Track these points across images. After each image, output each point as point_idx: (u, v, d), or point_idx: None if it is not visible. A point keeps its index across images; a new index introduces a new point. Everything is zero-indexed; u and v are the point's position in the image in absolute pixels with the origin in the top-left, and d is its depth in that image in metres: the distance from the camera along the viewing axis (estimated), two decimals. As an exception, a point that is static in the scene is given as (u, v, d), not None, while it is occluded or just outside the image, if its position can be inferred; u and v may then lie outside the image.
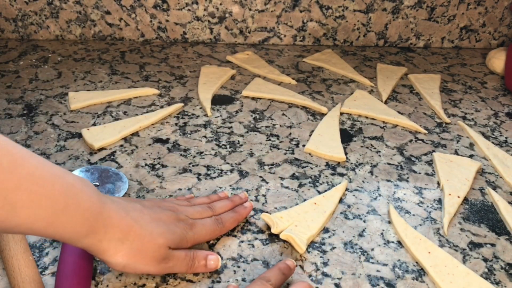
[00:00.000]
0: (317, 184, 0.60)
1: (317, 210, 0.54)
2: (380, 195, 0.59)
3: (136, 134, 0.68)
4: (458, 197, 0.58)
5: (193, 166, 0.62)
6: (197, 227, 0.47)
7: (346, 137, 0.70)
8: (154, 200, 0.50)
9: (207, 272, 0.47)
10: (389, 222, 0.55)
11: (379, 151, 0.68)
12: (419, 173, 0.64)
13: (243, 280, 0.46)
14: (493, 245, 0.53)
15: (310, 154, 0.66)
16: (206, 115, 0.74)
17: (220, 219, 0.50)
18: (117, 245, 0.41)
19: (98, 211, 0.39)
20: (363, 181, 0.61)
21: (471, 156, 0.68)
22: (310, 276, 0.47)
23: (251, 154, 0.65)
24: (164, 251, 0.43)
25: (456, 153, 0.68)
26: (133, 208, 0.44)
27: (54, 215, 0.36)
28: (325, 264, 0.49)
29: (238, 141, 0.68)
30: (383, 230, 0.54)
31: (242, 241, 0.51)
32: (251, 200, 0.57)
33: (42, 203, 0.35)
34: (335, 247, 0.51)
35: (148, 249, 0.42)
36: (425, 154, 0.68)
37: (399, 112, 0.77)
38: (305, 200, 0.57)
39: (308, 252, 0.50)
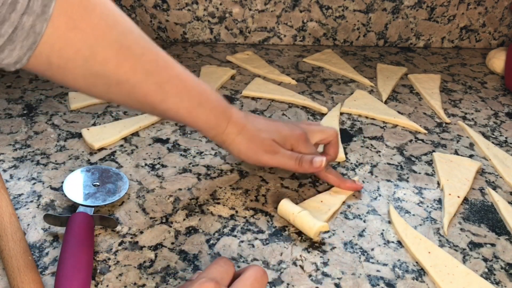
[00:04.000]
0: (317, 184, 0.60)
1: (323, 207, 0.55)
2: (380, 195, 0.59)
3: (136, 134, 0.68)
4: (458, 197, 0.59)
5: (193, 166, 0.62)
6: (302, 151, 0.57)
7: (346, 137, 0.70)
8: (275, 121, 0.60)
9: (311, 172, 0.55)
10: (389, 222, 0.55)
11: (379, 151, 0.68)
12: (419, 173, 0.64)
13: (243, 280, 0.46)
14: (493, 245, 0.53)
15: (310, 154, 0.66)
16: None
17: (303, 159, 0.55)
18: (234, 137, 0.54)
19: (223, 109, 0.53)
20: (363, 181, 0.61)
21: (471, 156, 0.68)
22: (310, 276, 0.47)
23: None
24: (269, 143, 0.54)
25: (456, 153, 0.68)
26: (251, 114, 0.58)
27: (192, 107, 0.50)
28: (325, 264, 0.49)
29: (238, 141, 0.68)
30: (383, 230, 0.54)
31: (242, 241, 0.51)
32: (251, 200, 0.57)
33: (184, 97, 0.49)
34: (335, 247, 0.51)
35: (257, 140, 0.54)
36: (425, 154, 0.68)
37: (399, 112, 0.77)
38: (304, 200, 0.57)
39: (308, 252, 0.50)
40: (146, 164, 0.62)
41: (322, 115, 0.75)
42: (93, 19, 0.40)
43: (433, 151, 0.68)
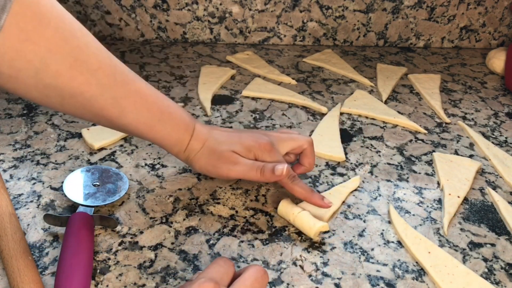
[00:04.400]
0: (317, 184, 0.60)
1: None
2: (380, 195, 0.59)
3: (136, 134, 0.68)
4: (458, 197, 0.58)
5: (193, 166, 0.62)
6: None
7: (346, 137, 0.70)
8: (247, 131, 0.58)
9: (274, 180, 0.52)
10: (389, 222, 0.55)
11: (379, 151, 0.68)
12: (419, 173, 0.64)
13: (243, 280, 0.46)
14: (493, 245, 0.53)
15: (310, 154, 0.66)
16: (206, 115, 0.73)
17: (264, 167, 0.53)
18: (196, 153, 0.53)
19: (185, 125, 0.52)
20: (363, 181, 0.61)
21: (471, 156, 0.68)
22: (310, 276, 0.47)
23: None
24: (228, 155, 0.53)
25: (456, 153, 0.68)
26: (216, 128, 0.56)
27: (151, 123, 0.49)
28: (325, 264, 0.49)
29: (238, 141, 0.68)
30: (383, 230, 0.54)
31: (242, 241, 0.51)
32: (251, 200, 0.57)
33: (143, 112, 0.49)
34: (335, 247, 0.51)
35: (216, 153, 0.53)
36: (425, 154, 0.68)
37: (399, 112, 0.77)
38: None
39: (308, 252, 0.50)
40: (146, 164, 0.62)
41: (322, 115, 0.75)
42: (46, 32, 0.40)
43: (433, 151, 0.68)
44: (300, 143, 0.57)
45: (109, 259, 0.48)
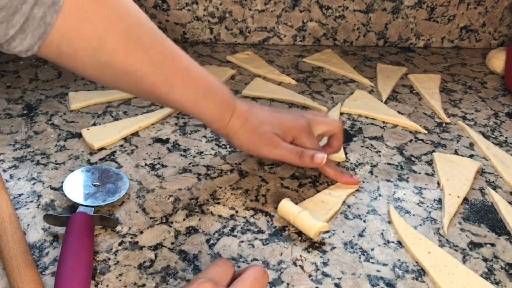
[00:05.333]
0: (317, 184, 0.60)
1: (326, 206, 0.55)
2: (380, 195, 0.59)
3: (136, 134, 0.68)
4: (458, 197, 0.58)
5: (193, 166, 0.62)
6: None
7: (346, 137, 0.70)
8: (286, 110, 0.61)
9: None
10: (389, 222, 0.55)
11: (379, 151, 0.68)
12: (419, 173, 0.64)
13: (243, 280, 0.46)
14: (493, 245, 0.53)
15: (310, 154, 0.66)
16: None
17: (304, 153, 0.55)
18: (237, 130, 0.54)
19: (227, 102, 0.53)
20: (363, 181, 0.61)
21: (471, 156, 0.68)
22: (310, 276, 0.47)
23: (251, 154, 0.65)
24: (270, 136, 0.55)
25: (456, 153, 0.68)
26: (256, 106, 0.58)
27: (196, 99, 0.51)
28: (325, 264, 0.49)
29: (238, 141, 0.68)
30: (383, 230, 0.54)
31: (242, 241, 0.51)
32: (251, 200, 0.57)
33: (190, 89, 0.50)
34: (335, 247, 0.51)
35: (258, 133, 0.55)
36: (425, 154, 0.68)
37: (399, 112, 0.77)
38: (304, 200, 0.57)
39: (308, 252, 0.50)
40: (146, 164, 0.62)
41: (322, 115, 0.75)
42: (103, 11, 0.42)
43: (433, 151, 0.68)
44: (333, 127, 0.60)
45: (109, 259, 0.48)
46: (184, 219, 0.53)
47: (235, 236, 0.52)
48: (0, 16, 0.37)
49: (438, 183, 0.62)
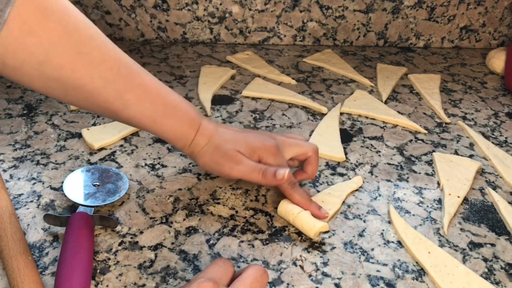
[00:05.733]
0: (317, 184, 0.60)
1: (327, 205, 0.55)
2: (380, 195, 0.59)
3: (136, 134, 0.68)
4: (458, 197, 0.58)
5: (193, 166, 0.62)
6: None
7: (346, 137, 0.70)
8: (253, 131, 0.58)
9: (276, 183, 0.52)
10: (389, 222, 0.55)
11: (379, 151, 0.68)
12: (419, 173, 0.64)
13: (243, 280, 0.46)
14: (493, 245, 0.53)
15: (310, 154, 0.66)
16: (206, 115, 0.73)
17: (266, 170, 0.52)
18: (201, 148, 0.53)
19: (191, 120, 0.52)
20: (363, 181, 0.61)
21: (471, 156, 0.68)
22: (310, 276, 0.47)
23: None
24: (232, 153, 0.52)
25: (456, 153, 0.68)
26: (223, 126, 0.56)
27: (155, 116, 0.49)
28: (325, 264, 0.49)
29: (238, 141, 0.68)
30: (383, 230, 0.54)
31: (242, 241, 0.51)
32: (251, 201, 0.57)
33: (147, 106, 0.48)
34: (335, 247, 0.51)
35: (220, 151, 0.52)
36: (425, 154, 0.68)
37: (399, 112, 0.77)
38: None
39: (308, 252, 0.50)
40: (146, 164, 0.62)
41: (322, 115, 0.75)
42: (49, 25, 0.41)
43: (433, 151, 0.68)
44: (305, 150, 0.56)
45: (109, 259, 0.48)
46: (184, 219, 0.54)
47: (235, 236, 0.52)
48: None
49: (438, 183, 0.62)
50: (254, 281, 0.38)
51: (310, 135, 0.70)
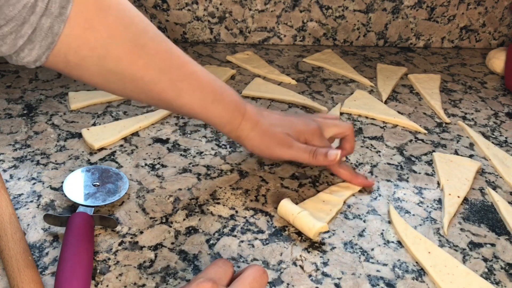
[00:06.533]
0: (317, 184, 0.60)
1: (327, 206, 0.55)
2: (380, 195, 0.59)
3: (136, 134, 0.68)
4: (458, 197, 0.59)
5: (193, 166, 0.62)
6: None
7: (346, 137, 0.70)
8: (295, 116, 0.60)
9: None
10: (389, 222, 0.55)
11: (379, 151, 0.68)
12: (419, 173, 0.64)
13: (243, 280, 0.46)
14: (493, 245, 0.53)
15: (310, 154, 0.66)
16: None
17: (317, 151, 0.56)
18: (248, 132, 0.55)
19: (237, 105, 0.54)
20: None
21: (471, 156, 0.68)
22: (310, 276, 0.47)
23: (251, 154, 0.65)
24: (283, 137, 0.55)
25: (456, 153, 0.68)
26: (266, 110, 0.59)
27: (205, 103, 0.51)
28: (325, 264, 0.49)
29: (238, 141, 0.68)
30: (383, 230, 0.54)
31: (242, 241, 0.51)
32: (251, 201, 0.57)
33: (198, 94, 0.51)
34: (335, 247, 0.51)
35: (270, 134, 0.55)
36: (425, 154, 0.68)
37: (399, 112, 0.77)
38: (304, 200, 0.57)
39: (308, 252, 0.50)
40: (146, 164, 0.62)
41: (322, 115, 0.75)
42: (107, 19, 0.43)
43: (433, 151, 0.68)
44: (344, 129, 0.60)
45: (109, 259, 0.48)
46: (184, 219, 0.54)
47: (235, 236, 0.52)
48: (9, 27, 0.38)
49: (438, 183, 0.62)
50: (253, 281, 0.38)
51: (310, 135, 0.70)
